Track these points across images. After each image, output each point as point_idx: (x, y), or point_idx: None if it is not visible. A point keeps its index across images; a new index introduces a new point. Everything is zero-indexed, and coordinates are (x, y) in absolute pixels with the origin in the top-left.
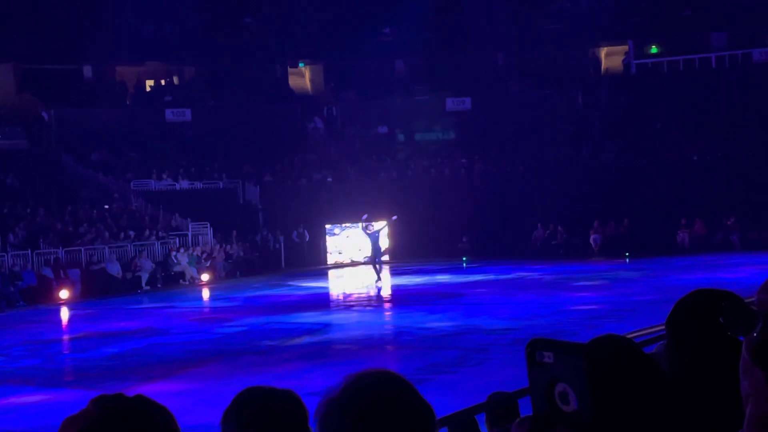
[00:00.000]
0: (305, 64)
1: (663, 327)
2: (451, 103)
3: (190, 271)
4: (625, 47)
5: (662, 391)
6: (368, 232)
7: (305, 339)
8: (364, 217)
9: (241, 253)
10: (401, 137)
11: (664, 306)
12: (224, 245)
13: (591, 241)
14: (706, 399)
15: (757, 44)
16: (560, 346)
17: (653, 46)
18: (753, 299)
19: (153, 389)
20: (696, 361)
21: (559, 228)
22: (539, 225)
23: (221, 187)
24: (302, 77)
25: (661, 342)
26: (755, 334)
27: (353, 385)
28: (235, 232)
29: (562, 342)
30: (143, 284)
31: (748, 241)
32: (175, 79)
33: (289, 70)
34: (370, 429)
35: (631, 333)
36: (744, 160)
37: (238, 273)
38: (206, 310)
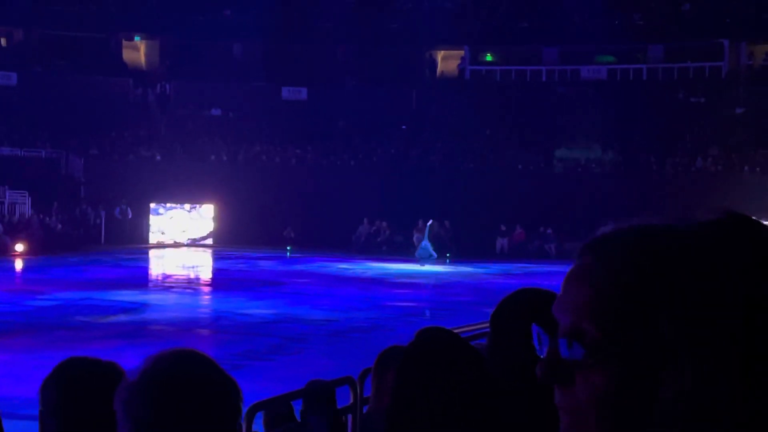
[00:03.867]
0: (141, 39)
1: (481, 326)
2: (287, 92)
3: (4, 240)
4: (461, 52)
5: (484, 382)
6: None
7: (121, 317)
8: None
9: (60, 226)
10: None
11: (481, 307)
12: (42, 216)
13: (414, 239)
14: (529, 396)
15: (586, 62)
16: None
17: (488, 54)
18: None
19: None
20: (518, 359)
21: (384, 224)
22: (365, 220)
23: (44, 156)
24: (137, 51)
25: (482, 340)
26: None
27: (152, 368)
28: (55, 204)
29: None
30: None
31: (564, 250)
32: (2, 41)
33: (124, 43)
34: (172, 410)
35: (453, 329)
36: (564, 172)
37: (55, 246)
38: (19, 281)
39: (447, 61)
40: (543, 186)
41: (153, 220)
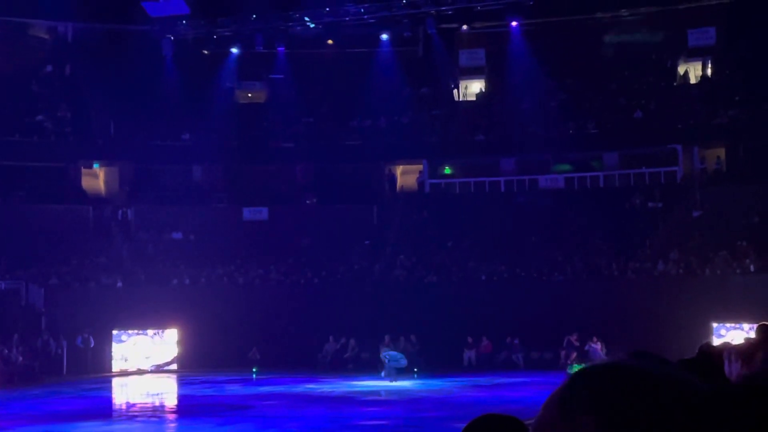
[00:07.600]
0: (100, 166)
1: None
2: (248, 213)
3: None
4: (420, 166)
5: None
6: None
7: None
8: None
9: (21, 358)
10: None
11: (451, 423)
12: (2, 349)
13: (381, 356)
14: None
15: (543, 171)
16: None
17: (446, 167)
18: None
19: None
20: None
21: (352, 341)
22: (331, 338)
23: (3, 288)
24: (96, 178)
25: None
26: None
27: None
28: (16, 336)
29: None
30: None
31: (531, 360)
32: None
33: (83, 170)
34: None
35: None
36: (528, 282)
37: (15, 379)
38: None
39: (406, 175)
40: (508, 296)
41: (116, 347)
